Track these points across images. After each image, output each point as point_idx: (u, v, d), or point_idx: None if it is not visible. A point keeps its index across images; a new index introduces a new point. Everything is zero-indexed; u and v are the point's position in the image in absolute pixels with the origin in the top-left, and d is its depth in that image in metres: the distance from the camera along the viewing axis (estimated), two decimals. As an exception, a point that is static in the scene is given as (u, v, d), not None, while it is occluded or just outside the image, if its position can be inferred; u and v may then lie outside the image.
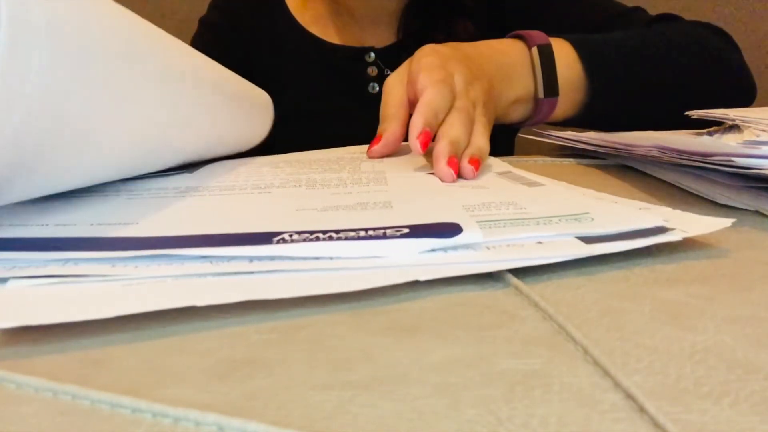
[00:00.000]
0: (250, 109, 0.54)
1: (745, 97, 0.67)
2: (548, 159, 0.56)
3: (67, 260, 0.27)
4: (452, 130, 0.46)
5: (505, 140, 0.82)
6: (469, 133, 0.47)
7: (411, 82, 0.51)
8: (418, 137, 0.45)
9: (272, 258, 0.26)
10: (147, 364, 0.20)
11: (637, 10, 0.75)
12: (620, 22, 0.72)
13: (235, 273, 0.26)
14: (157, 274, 0.26)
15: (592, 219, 0.31)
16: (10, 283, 0.25)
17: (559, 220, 0.30)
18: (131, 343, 0.22)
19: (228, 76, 0.50)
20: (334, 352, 0.21)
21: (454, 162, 0.43)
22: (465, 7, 0.76)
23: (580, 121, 0.64)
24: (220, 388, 0.19)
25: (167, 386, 0.19)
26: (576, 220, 0.30)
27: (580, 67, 0.61)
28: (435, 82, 0.48)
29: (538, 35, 0.60)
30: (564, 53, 0.61)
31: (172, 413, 0.17)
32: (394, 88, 0.53)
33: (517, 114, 0.60)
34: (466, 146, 0.46)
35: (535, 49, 0.59)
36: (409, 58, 0.54)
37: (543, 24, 0.65)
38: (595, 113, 0.63)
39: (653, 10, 0.75)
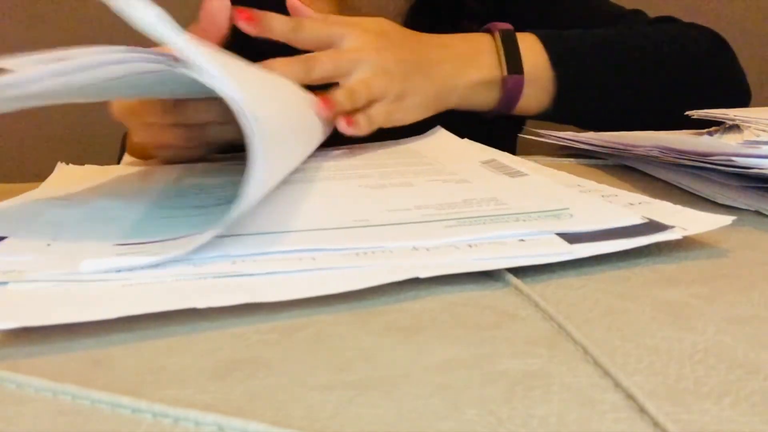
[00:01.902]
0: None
1: (735, 102, 0.67)
2: (548, 159, 0.56)
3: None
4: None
5: (506, 140, 0.82)
6: None
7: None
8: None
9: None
10: (147, 364, 0.20)
11: (637, 13, 0.75)
12: (620, 24, 0.72)
13: (235, 274, 0.26)
14: (156, 275, 0.26)
15: (572, 215, 0.31)
16: (11, 283, 0.25)
17: (538, 216, 0.31)
18: (131, 344, 0.22)
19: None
20: (334, 352, 0.21)
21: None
22: (470, 9, 0.76)
23: (555, 115, 0.65)
24: (220, 388, 0.19)
25: (167, 386, 0.19)
26: (555, 216, 0.31)
27: (545, 56, 0.62)
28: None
29: (502, 24, 0.63)
30: (528, 41, 0.63)
31: (172, 413, 0.17)
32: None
33: (481, 97, 0.62)
34: None
35: (497, 33, 0.62)
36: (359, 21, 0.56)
37: (545, 27, 0.65)
38: (567, 106, 0.64)
39: (652, 12, 0.75)
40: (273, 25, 0.51)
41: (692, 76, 0.66)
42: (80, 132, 1.20)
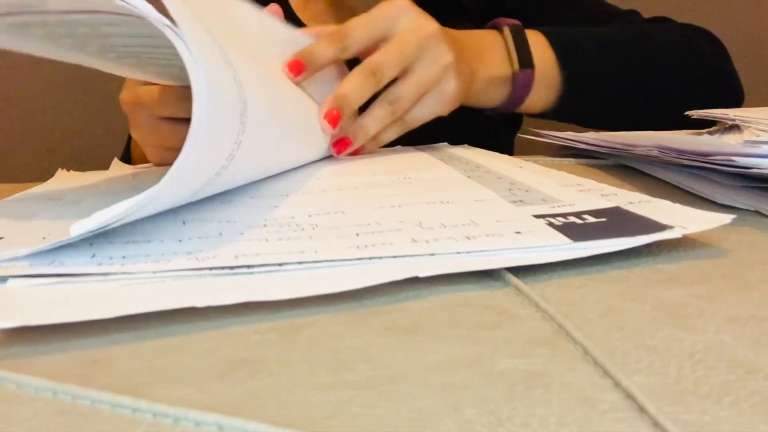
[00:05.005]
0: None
1: (730, 102, 0.67)
2: (548, 159, 0.56)
3: (53, 260, 0.27)
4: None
5: (505, 140, 0.82)
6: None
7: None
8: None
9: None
10: (147, 364, 0.20)
11: (632, 12, 0.76)
12: (615, 24, 0.73)
13: (235, 273, 0.26)
14: (153, 271, 0.26)
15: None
16: (10, 283, 0.25)
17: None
18: (131, 343, 0.22)
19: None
20: (334, 352, 0.21)
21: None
22: (464, 8, 0.76)
23: (559, 113, 0.66)
24: (220, 388, 0.19)
25: (167, 386, 0.19)
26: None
27: (552, 53, 0.63)
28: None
29: (509, 21, 0.63)
30: (536, 39, 0.63)
31: (172, 413, 0.17)
32: None
33: (494, 95, 0.62)
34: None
35: (507, 29, 0.62)
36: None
37: (540, 25, 0.65)
38: (572, 105, 0.65)
39: (648, 13, 0.76)
40: (318, 58, 0.50)
41: (693, 77, 0.67)
42: (81, 132, 1.20)
